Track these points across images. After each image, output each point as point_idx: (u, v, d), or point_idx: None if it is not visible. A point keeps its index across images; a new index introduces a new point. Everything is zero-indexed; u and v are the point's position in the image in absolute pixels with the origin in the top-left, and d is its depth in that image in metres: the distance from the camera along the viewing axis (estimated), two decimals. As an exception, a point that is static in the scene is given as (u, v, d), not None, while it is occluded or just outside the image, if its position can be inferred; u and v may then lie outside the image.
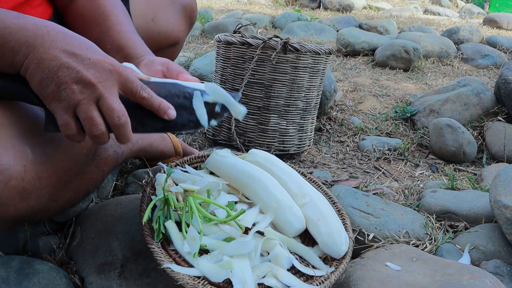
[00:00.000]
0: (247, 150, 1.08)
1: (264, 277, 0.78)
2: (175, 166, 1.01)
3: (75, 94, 0.67)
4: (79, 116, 0.69)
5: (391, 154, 1.75)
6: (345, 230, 0.92)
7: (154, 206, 0.86)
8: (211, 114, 0.80)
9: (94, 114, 0.69)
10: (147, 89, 0.74)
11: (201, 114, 0.79)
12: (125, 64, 0.85)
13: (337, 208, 1.00)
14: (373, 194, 1.32)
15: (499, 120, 1.92)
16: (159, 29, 1.27)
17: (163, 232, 0.82)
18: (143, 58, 0.91)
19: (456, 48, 3.52)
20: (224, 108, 0.81)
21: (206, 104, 0.80)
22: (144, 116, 0.75)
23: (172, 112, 0.76)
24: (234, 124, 1.50)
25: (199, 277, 0.76)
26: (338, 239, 0.86)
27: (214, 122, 0.81)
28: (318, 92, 1.64)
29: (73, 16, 0.99)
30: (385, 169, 1.63)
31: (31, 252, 0.98)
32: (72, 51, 0.68)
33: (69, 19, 1.00)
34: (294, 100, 1.55)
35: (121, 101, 0.72)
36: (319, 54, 1.52)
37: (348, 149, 1.79)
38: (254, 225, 0.88)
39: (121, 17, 0.99)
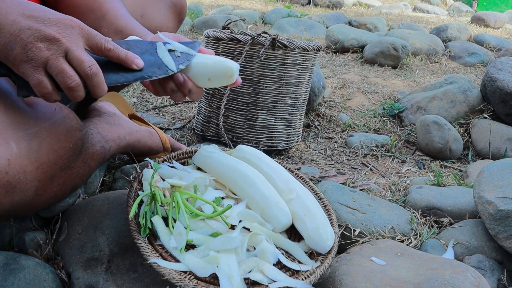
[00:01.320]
0: (235, 146, 1.08)
1: (250, 271, 0.79)
2: (163, 161, 1.01)
3: (42, 51, 0.68)
4: (50, 72, 0.69)
5: (379, 151, 1.76)
6: (331, 225, 0.93)
7: (141, 202, 0.86)
8: (177, 60, 0.83)
9: (65, 67, 0.69)
10: (111, 41, 0.75)
11: (168, 61, 0.82)
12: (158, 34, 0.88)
13: (323, 204, 1.00)
14: (360, 190, 1.33)
15: (485, 118, 1.95)
16: (148, 25, 1.27)
17: (150, 227, 0.82)
18: (146, 37, 0.91)
19: (444, 45, 3.56)
20: (184, 54, 0.85)
21: (170, 51, 0.84)
22: (113, 69, 0.77)
23: (139, 61, 0.78)
24: (222, 120, 1.51)
25: (185, 272, 0.76)
26: (324, 235, 0.87)
27: (181, 66, 0.83)
28: (307, 88, 1.65)
29: (66, 5, 0.99)
30: (372, 166, 1.65)
31: (17, 247, 0.98)
32: (30, 14, 0.69)
33: (62, 8, 0.99)
34: (282, 96, 1.56)
35: None
36: (308, 50, 1.53)
37: (336, 146, 1.80)
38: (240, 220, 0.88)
39: (115, 3, 1.00)
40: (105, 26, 0.95)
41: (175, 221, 0.82)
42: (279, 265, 0.83)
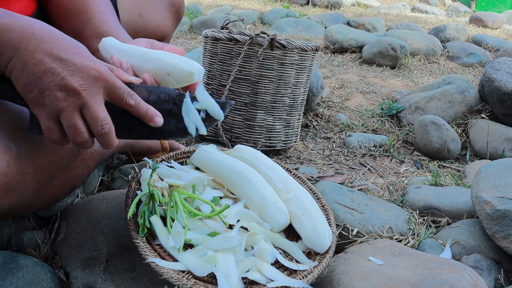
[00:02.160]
0: (233, 146, 1.09)
1: (248, 271, 0.79)
2: (161, 161, 1.01)
3: (59, 101, 0.66)
4: (62, 122, 0.68)
5: (377, 151, 1.77)
6: (329, 225, 0.94)
7: (139, 201, 0.86)
8: (199, 121, 0.79)
9: (77, 122, 0.68)
10: (134, 96, 0.73)
11: (189, 122, 0.78)
12: (105, 39, 0.84)
13: (321, 204, 1.01)
14: (358, 190, 1.33)
15: (483, 118, 1.95)
16: (146, 24, 1.27)
17: (148, 227, 0.82)
18: (126, 43, 0.89)
19: (443, 46, 3.56)
20: (208, 115, 0.79)
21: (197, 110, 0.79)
22: (130, 122, 0.75)
23: (159, 120, 0.74)
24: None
25: (183, 271, 0.76)
26: (322, 234, 0.87)
27: (202, 130, 0.79)
28: (305, 88, 1.65)
29: (54, 6, 0.99)
30: (370, 165, 1.65)
31: (15, 247, 0.98)
32: (57, 55, 0.66)
33: (51, 9, 0.99)
34: (280, 96, 1.56)
35: (107, 106, 0.71)
36: (306, 50, 1.53)
37: (334, 146, 1.80)
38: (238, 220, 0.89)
39: (103, 7, 0.98)
40: (89, 30, 0.94)
41: (173, 220, 0.83)
42: (277, 264, 0.84)
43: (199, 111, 0.79)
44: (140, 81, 0.78)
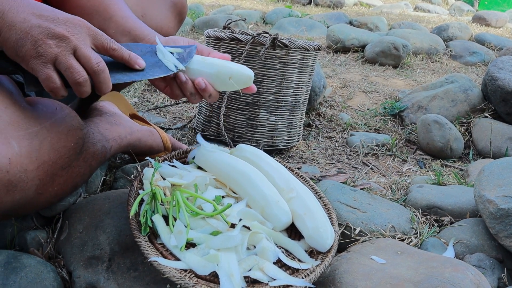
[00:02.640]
0: (236, 146, 1.09)
1: (250, 270, 0.79)
2: (163, 160, 1.01)
3: (52, 48, 0.71)
4: (59, 68, 0.73)
5: (379, 150, 1.76)
6: (331, 224, 0.93)
7: (142, 200, 0.86)
8: (175, 60, 0.88)
9: (74, 63, 0.73)
10: (116, 42, 0.80)
11: (167, 62, 0.87)
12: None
13: (323, 203, 1.01)
14: (360, 189, 1.33)
15: (486, 117, 1.95)
16: (149, 25, 1.26)
17: (150, 226, 0.82)
18: (152, 37, 0.95)
19: (445, 45, 3.55)
20: (181, 55, 0.90)
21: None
22: (117, 68, 0.81)
23: (141, 62, 0.83)
24: (222, 120, 1.51)
25: (185, 270, 0.76)
26: (324, 233, 0.87)
27: (180, 66, 0.87)
28: (307, 88, 1.65)
29: (71, 7, 1.00)
30: (373, 165, 1.65)
31: (18, 246, 0.98)
32: (40, 13, 0.72)
33: (68, 9, 1.00)
34: (283, 96, 1.56)
35: None
36: (308, 50, 1.53)
37: (336, 145, 1.80)
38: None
39: (121, 4, 1.02)
40: (112, 28, 0.97)
41: (175, 219, 0.83)
42: (279, 263, 0.83)
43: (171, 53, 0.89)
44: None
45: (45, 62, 0.71)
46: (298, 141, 1.71)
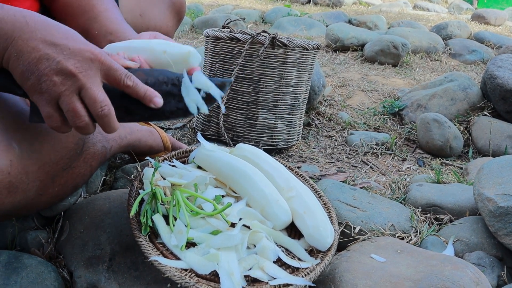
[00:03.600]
0: (235, 145, 1.09)
1: (250, 269, 0.79)
2: (163, 160, 1.02)
3: (56, 86, 0.66)
4: (62, 107, 0.68)
5: (379, 149, 1.77)
6: (331, 223, 0.94)
7: (142, 200, 0.87)
8: (199, 100, 0.78)
9: (77, 106, 0.68)
10: (131, 77, 0.72)
11: (189, 101, 0.77)
12: (106, 46, 0.85)
13: (323, 202, 1.01)
14: (360, 188, 1.34)
15: (485, 115, 1.95)
16: (147, 25, 1.27)
17: (151, 225, 0.82)
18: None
19: (444, 43, 3.55)
20: (208, 94, 0.79)
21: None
22: (130, 104, 0.74)
23: (158, 100, 0.74)
24: (222, 119, 1.51)
25: (186, 270, 0.77)
26: (324, 232, 0.87)
27: (203, 109, 0.78)
28: (307, 87, 1.66)
29: (60, 6, 0.99)
30: (372, 164, 1.65)
31: (19, 246, 0.98)
32: (51, 41, 0.66)
33: (56, 9, 1.00)
34: (282, 95, 1.56)
35: (106, 90, 0.71)
36: (307, 49, 1.53)
37: (336, 144, 1.80)
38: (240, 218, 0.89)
39: (108, 5, 0.99)
40: (96, 28, 0.95)
41: (175, 219, 0.83)
42: (279, 262, 0.84)
43: (198, 90, 0.78)
44: (138, 65, 0.78)
45: (48, 100, 0.67)
46: (297, 140, 1.72)
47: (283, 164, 1.08)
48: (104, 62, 0.70)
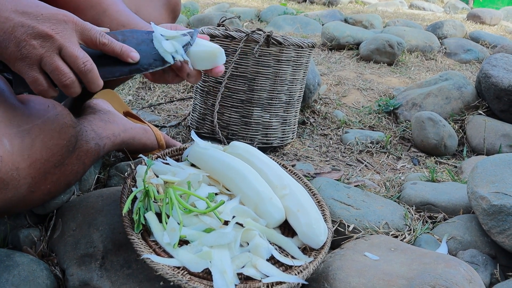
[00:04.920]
0: (229, 143, 1.09)
1: (243, 267, 0.79)
2: (156, 158, 1.01)
3: (36, 49, 0.68)
4: (45, 69, 0.70)
5: (374, 147, 1.77)
6: (325, 221, 0.94)
7: (135, 198, 0.86)
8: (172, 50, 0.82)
9: (60, 64, 0.69)
10: (106, 35, 0.75)
11: (164, 52, 0.80)
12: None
13: (317, 200, 1.01)
14: (354, 186, 1.34)
15: (480, 114, 1.95)
16: (142, 22, 1.27)
17: (143, 223, 0.82)
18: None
19: (440, 42, 3.56)
20: (180, 43, 0.83)
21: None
22: (109, 63, 0.76)
23: (135, 55, 0.77)
24: (216, 117, 1.51)
25: (178, 268, 0.76)
26: (317, 230, 0.87)
27: (178, 57, 0.81)
28: (302, 85, 1.65)
29: (65, 1, 0.99)
30: (367, 162, 1.65)
31: (11, 244, 0.98)
32: (23, 10, 0.68)
33: (61, 4, 0.99)
34: (277, 93, 1.56)
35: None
36: (302, 47, 1.53)
37: (331, 142, 1.80)
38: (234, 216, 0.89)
39: None
40: (106, 22, 0.95)
41: (168, 217, 0.83)
42: (272, 260, 0.84)
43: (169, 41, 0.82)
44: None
45: (30, 64, 0.68)
46: (292, 139, 1.72)
47: (277, 162, 1.08)
48: (78, 23, 0.72)
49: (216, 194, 0.94)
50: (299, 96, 1.67)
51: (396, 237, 1.11)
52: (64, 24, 0.70)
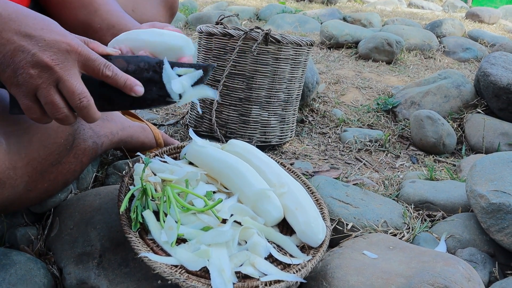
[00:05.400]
0: (227, 142, 1.08)
1: (241, 265, 0.78)
2: (154, 156, 1.01)
3: (33, 79, 0.65)
4: (40, 100, 0.67)
5: (372, 146, 1.77)
6: (323, 219, 0.93)
7: (132, 196, 0.86)
8: (181, 87, 0.77)
9: (55, 98, 0.67)
10: (110, 67, 0.71)
11: (171, 88, 0.76)
12: (110, 42, 0.84)
13: (315, 198, 1.01)
14: (353, 184, 1.33)
15: (479, 112, 1.95)
16: (140, 20, 1.26)
17: (141, 221, 0.82)
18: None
19: (439, 41, 3.56)
20: (190, 79, 0.78)
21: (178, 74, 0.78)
22: (110, 93, 0.73)
23: (139, 89, 0.73)
24: (214, 115, 1.50)
25: (176, 266, 0.76)
26: (315, 228, 0.87)
27: (186, 98, 0.78)
28: (300, 83, 1.65)
29: (57, 1, 0.98)
30: (366, 160, 1.65)
31: (8, 243, 0.97)
32: (26, 32, 0.65)
33: (52, 3, 0.98)
34: (275, 92, 1.56)
35: (85, 79, 0.70)
36: (301, 45, 1.53)
37: (330, 141, 1.80)
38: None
39: None
40: (97, 22, 0.94)
41: (166, 215, 0.82)
42: (270, 258, 0.83)
43: (180, 77, 0.77)
44: (118, 52, 0.77)
45: (26, 92, 0.66)
46: (291, 137, 1.71)
47: (275, 161, 1.08)
48: (81, 53, 0.69)
49: (214, 192, 0.94)
50: (298, 95, 1.66)
51: (395, 235, 1.11)
52: (67, 54, 0.67)
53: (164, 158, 1.00)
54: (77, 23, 0.89)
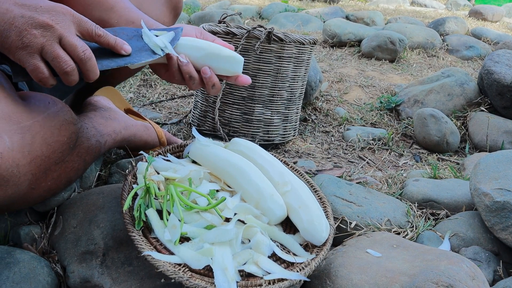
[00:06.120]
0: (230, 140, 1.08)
1: (245, 264, 0.78)
2: (157, 155, 1.01)
3: (37, 38, 0.71)
4: (46, 58, 0.73)
5: (376, 144, 1.76)
6: (326, 217, 0.93)
7: (136, 195, 0.86)
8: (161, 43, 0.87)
9: (60, 52, 0.73)
10: (101, 28, 0.79)
11: (153, 46, 0.86)
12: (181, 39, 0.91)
13: (318, 196, 1.00)
14: (356, 183, 1.33)
15: (482, 110, 1.95)
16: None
17: (144, 220, 0.82)
18: (154, 27, 0.94)
19: (442, 39, 3.55)
20: (167, 37, 0.89)
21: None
22: (103, 55, 0.81)
23: (127, 47, 0.82)
24: (218, 114, 1.50)
25: (179, 264, 0.76)
26: (319, 226, 0.87)
27: (167, 49, 0.87)
28: (303, 82, 1.65)
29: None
30: (369, 159, 1.64)
31: (12, 241, 0.98)
32: (22, 2, 0.71)
33: (68, 1, 0.98)
34: (278, 90, 1.55)
35: None
36: (304, 44, 1.52)
37: (333, 139, 1.80)
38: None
39: None
40: (114, 18, 0.96)
41: (169, 213, 0.82)
42: (274, 257, 0.83)
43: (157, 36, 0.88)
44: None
45: (32, 53, 0.71)
46: (294, 136, 1.71)
47: (279, 159, 1.08)
48: (75, 15, 0.76)
49: (217, 191, 0.93)
50: (301, 93, 1.66)
51: (399, 234, 1.11)
52: (63, 15, 0.74)
53: (167, 156, 1.00)
54: (93, 19, 0.90)
